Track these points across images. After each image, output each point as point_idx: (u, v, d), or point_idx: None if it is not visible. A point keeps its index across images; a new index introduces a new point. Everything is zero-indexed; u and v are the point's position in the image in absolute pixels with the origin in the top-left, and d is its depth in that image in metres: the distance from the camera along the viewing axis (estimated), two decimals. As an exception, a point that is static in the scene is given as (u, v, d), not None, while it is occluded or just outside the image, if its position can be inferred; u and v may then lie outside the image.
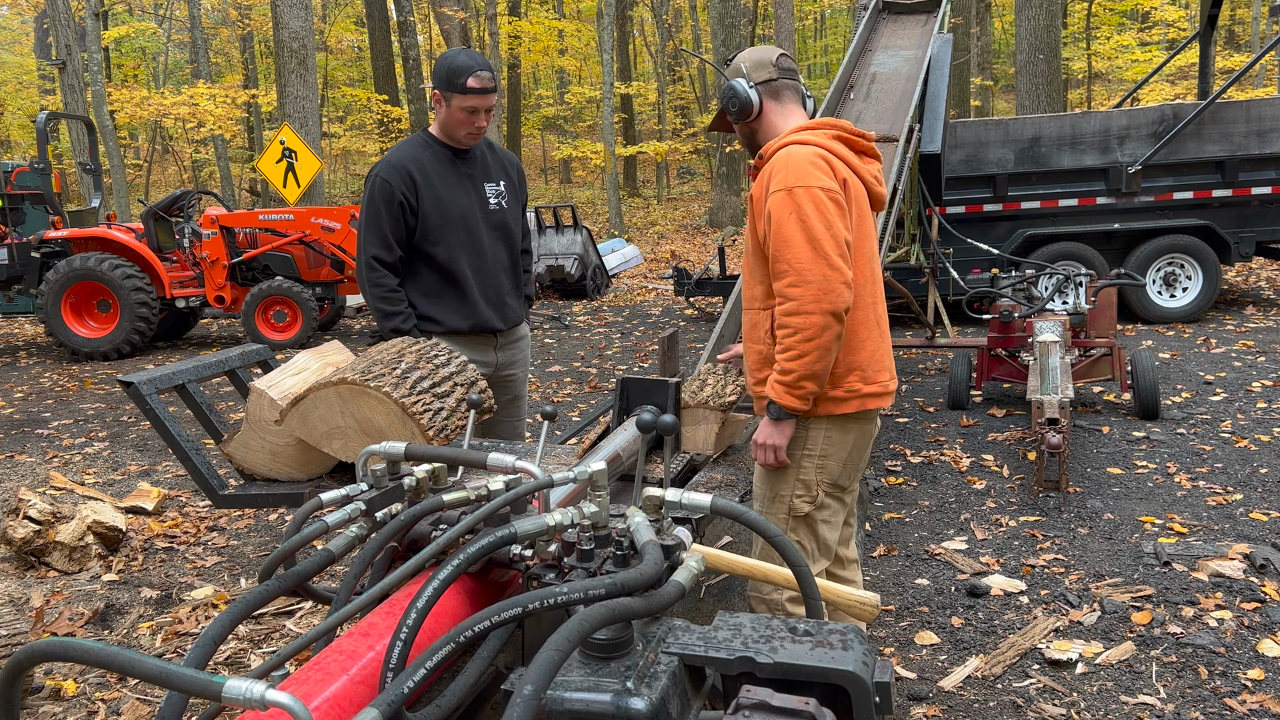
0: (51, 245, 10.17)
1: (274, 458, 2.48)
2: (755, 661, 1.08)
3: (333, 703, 1.11)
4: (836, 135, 2.28)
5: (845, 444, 2.32)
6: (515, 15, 24.13)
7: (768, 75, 2.36)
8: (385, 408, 2.26)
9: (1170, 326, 8.67)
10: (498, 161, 3.25)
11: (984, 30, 22.83)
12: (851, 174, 2.25)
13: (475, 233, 3.13)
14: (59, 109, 20.55)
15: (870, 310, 2.28)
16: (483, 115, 3.01)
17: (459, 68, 2.93)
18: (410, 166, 3.03)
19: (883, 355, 2.31)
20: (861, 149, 2.33)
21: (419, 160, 3.05)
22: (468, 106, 2.96)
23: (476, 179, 3.16)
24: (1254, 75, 22.57)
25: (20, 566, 4.02)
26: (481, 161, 3.20)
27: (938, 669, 3.04)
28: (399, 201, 3.01)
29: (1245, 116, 8.62)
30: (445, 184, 3.08)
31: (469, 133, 3.04)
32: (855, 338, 2.26)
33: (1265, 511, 4.17)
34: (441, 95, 2.98)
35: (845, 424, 2.30)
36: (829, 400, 2.26)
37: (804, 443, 2.31)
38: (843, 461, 2.33)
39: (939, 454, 5.29)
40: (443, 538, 1.34)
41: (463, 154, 3.14)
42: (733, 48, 17.09)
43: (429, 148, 3.10)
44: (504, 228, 3.22)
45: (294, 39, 12.56)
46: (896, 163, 5.41)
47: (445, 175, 3.09)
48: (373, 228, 3.03)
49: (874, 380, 2.28)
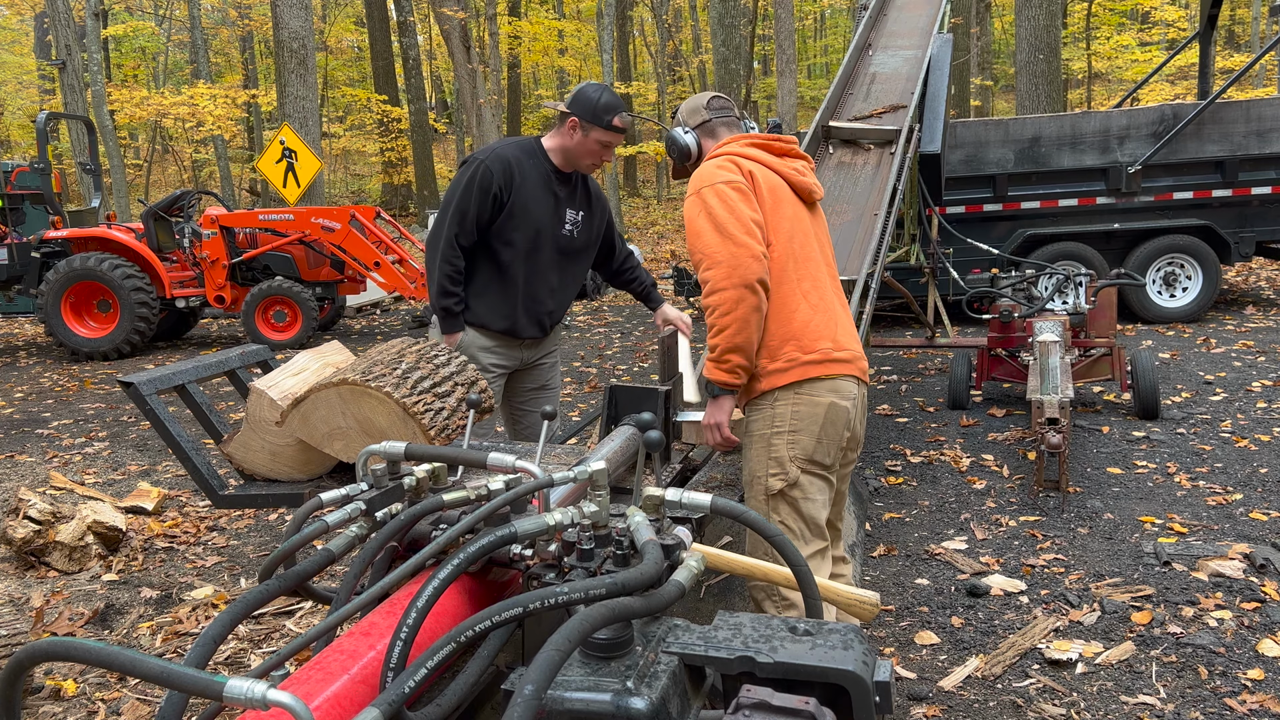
0: (51, 245, 10.17)
1: (274, 458, 2.48)
2: (755, 661, 1.08)
3: (333, 702, 1.11)
4: (751, 143, 2.48)
5: (815, 418, 2.35)
6: (515, 15, 24.11)
7: (701, 119, 2.61)
8: (386, 408, 2.26)
9: (1170, 326, 8.67)
10: (586, 193, 3.36)
11: (984, 30, 22.83)
12: (763, 168, 2.41)
13: (541, 249, 3.23)
14: (59, 109, 20.54)
15: (795, 285, 2.38)
16: (610, 152, 3.19)
17: (609, 104, 3.09)
18: (514, 165, 3.13)
19: (819, 325, 2.38)
20: (781, 151, 2.51)
21: (523, 163, 3.15)
22: (604, 141, 3.12)
23: (563, 202, 3.26)
24: (1254, 75, 22.57)
25: (20, 566, 4.02)
26: (575, 188, 3.31)
27: (938, 669, 3.04)
28: (494, 194, 3.10)
29: (1245, 116, 8.61)
30: (535, 195, 3.17)
31: (592, 164, 3.20)
32: (785, 309, 2.36)
33: (1265, 511, 4.17)
34: (580, 124, 3.10)
35: (811, 397, 2.34)
36: (771, 374, 2.35)
37: (771, 420, 2.37)
38: (815, 436, 2.36)
39: (939, 454, 5.29)
40: (443, 537, 1.34)
41: (564, 176, 3.25)
42: (733, 48, 17.10)
43: (535, 156, 3.20)
44: (569, 253, 3.33)
45: (294, 39, 12.56)
46: (896, 163, 5.40)
47: (539, 187, 3.18)
48: (461, 210, 3.12)
49: (811, 349, 2.35)
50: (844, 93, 6.43)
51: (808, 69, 31.52)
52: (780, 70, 15.37)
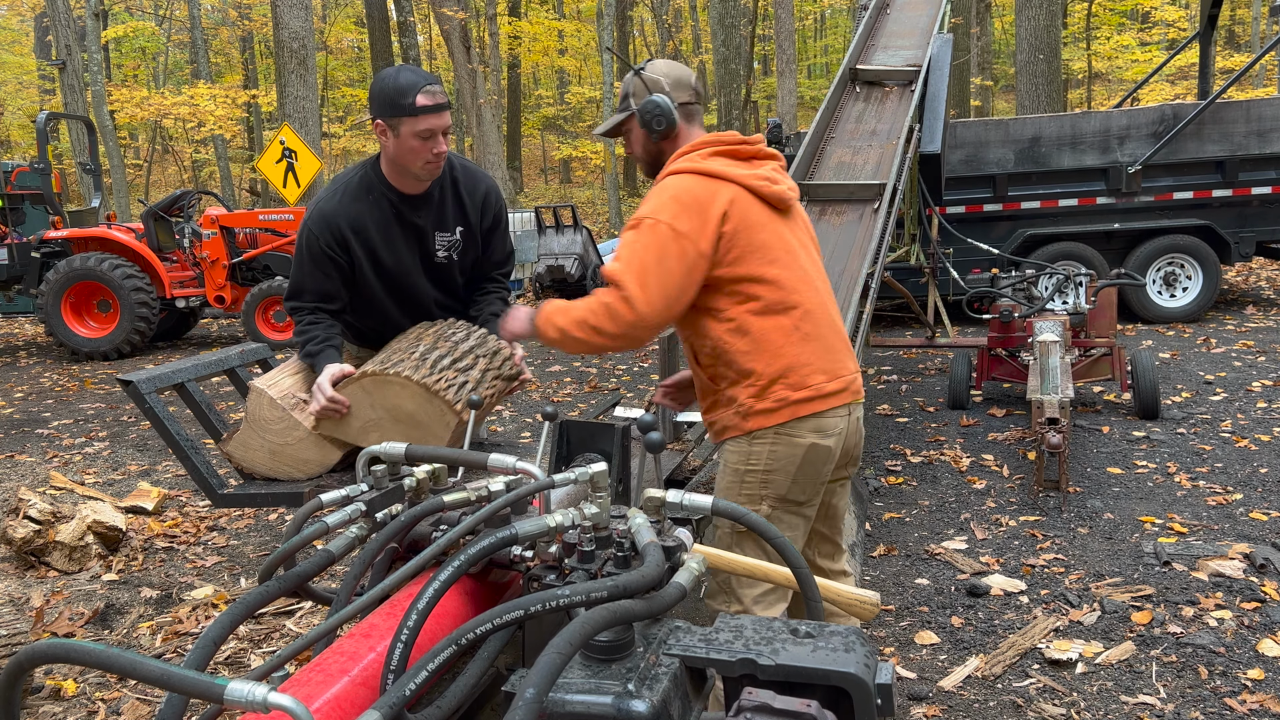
0: (51, 245, 10.17)
1: (274, 457, 2.48)
2: (757, 663, 1.08)
3: (334, 704, 1.11)
4: (714, 151, 2.23)
5: (793, 459, 2.20)
6: (515, 15, 24.12)
7: (688, 98, 2.33)
8: (409, 391, 2.29)
9: (1170, 326, 8.67)
10: (460, 197, 2.75)
11: (984, 30, 22.82)
12: (738, 188, 2.18)
13: (414, 291, 2.77)
14: (59, 109, 20.54)
15: (784, 317, 2.18)
16: (440, 139, 2.51)
17: (403, 86, 2.45)
18: (340, 220, 2.60)
19: (811, 358, 2.19)
20: (748, 155, 2.27)
21: (354, 212, 2.61)
22: (421, 130, 2.46)
23: (426, 230, 2.70)
24: (1254, 75, 22.57)
25: (20, 566, 4.01)
26: (437, 205, 2.70)
27: (938, 669, 3.04)
28: (330, 257, 2.61)
29: (1245, 116, 8.61)
30: (381, 239, 2.65)
31: (426, 163, 2.53)
32: (771, 347, 2.17)
33: (1265, 511, 4.17)
34: (386, 124, 2.48)
35: (790, 438, 2.19)
36: (758, 414, 2.19)
37: (747, 457, 2.22)
38: (791, 476, 2.21)
39: (939, 454, 5.29)
40: (443, 539, 1.34)
41: (416, 200, 2.66)
42: (733, 48, 17.08)
43: (372, 192, 2.62)
44: (449, 283, 2.84)
45: (294, 39, 12.56)
46: (896, 163, 5.41)
47: (383, 228, 2.64)
48: (297, 287, 2.67)
49: (804, 385, 2.18)
50: (843, 93, 6.43)
51: (808, 69, 31.52)
52: (780, 70, 15.37)
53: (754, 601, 2.26)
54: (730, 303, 2.18)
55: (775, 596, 2.28)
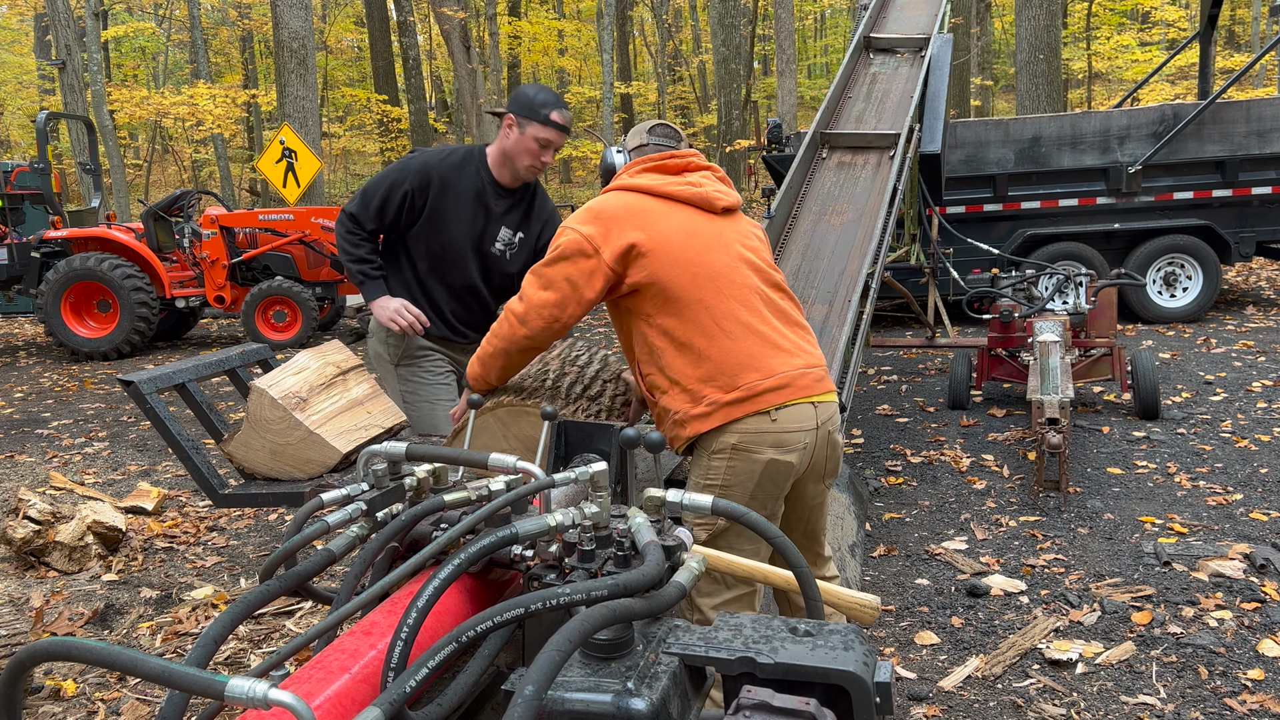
0: (51, 245, 10.17)
1: (274, 457, 2.48)
2: (756, 662, 1.08)
3: (334, 701, 1.11)
4: (643, 169, 2.36)
5: (751, 475, 2.19)
6: (515, 15, 24.12)
7: (640, 141, 2.48)
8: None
9: (1170, 326, 8.67)
10: (532, 208, 3.16)
11: (984, 30, 22.83)
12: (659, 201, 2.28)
13: (458, 266, 3.11)
14: (59, 109, 20.54)
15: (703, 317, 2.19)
16: (550, 153, 3.00)
17: (545, 100, 2.95)
18: (434, 171, 3.01)
19: (740, 356, 2.18)
20: (677, 169, 2.37)
21: (451, 171, 3.02)
22: (541, 139, 2.95)
23: (496, 218, 3.09)
24: (1254, 75, 22.58)
25: (20, 566, 4.02)
26: (518, 204, 3.13)
27: (938, 669, 3.04)
28: (404, 191, 3.01)
29: (1245, 116, 8.61)
30: (458, 207, 3.02)
31: (530, 165, 3.00)
32: (692, 349, 2.18)
33: (1265, 511, 4.17)
34: (517, 120, 2.95)
35: (749, 454, 2.18)
36: (694, 419, 2.19)
37: (705, 472, 2.23)
38: (749, 493, 2.20)
39: (939, 454, 5.29)
40: (444, 537, 1.34)
41: (504, 190, 3.08)
42: (733, 48, 17.12)
43: (471, 165, 3.05)
44: (497, 276, 3.17)
45: (294, 39, 12.57)
46: (896, 163, 5.42)
47: (466, 198, 3.03)
48: (367, 193, 3.06)
49: (733, 386, 2.16)
50: (843, 95, 6.43)
51: (808, 69, 31.53)
52: (780, 70, 15.38)
53: (713, 610, 2.28)
54: (653, 306, 2.22)
55: (737, 606, 2.30)
